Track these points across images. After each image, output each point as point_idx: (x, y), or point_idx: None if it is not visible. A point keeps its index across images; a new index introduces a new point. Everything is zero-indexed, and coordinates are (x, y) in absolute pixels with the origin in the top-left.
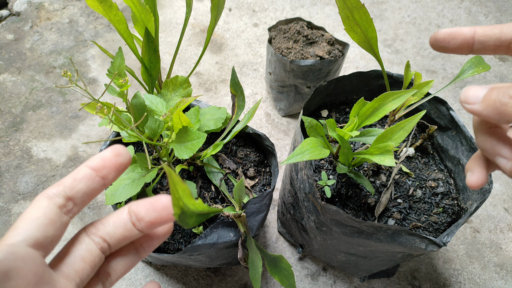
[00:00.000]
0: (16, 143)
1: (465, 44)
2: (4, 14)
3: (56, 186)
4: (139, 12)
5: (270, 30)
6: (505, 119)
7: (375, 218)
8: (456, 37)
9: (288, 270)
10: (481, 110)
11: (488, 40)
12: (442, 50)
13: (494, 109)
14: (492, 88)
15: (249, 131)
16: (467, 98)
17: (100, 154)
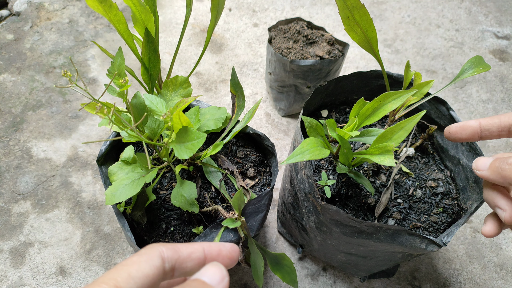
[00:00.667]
0: (16, 143)
1: (474, 133)
2: (4, 14)
3: (173, 250)
4: (139, 12)
5: (270, 30)
6: (506, 181)
7: (375, 218)
8: (466, 129)
9: (290, 266)
10: (488, 175)
11: (491, 128)
12: (456, 140)
13: (497, 173)
14: (496, 158)
15: (249, 131)
16: (478, 166)
17: (220, 246)
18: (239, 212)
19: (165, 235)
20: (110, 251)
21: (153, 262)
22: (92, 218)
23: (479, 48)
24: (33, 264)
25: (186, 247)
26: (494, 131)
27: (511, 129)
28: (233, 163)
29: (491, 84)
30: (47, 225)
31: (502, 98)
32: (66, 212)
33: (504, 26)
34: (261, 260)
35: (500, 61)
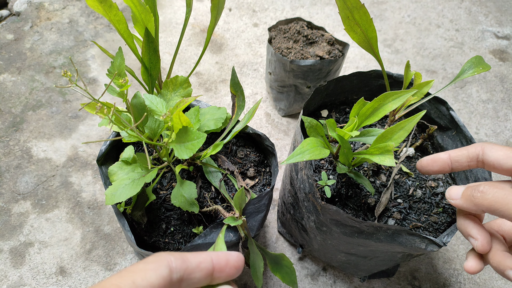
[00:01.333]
0: (16, 143)
1: (445, 165)
2: (4, 14)
3: (181, 260)
4: (139, 12)
5: (270, 30)
6: (479, 209)
7: (375, 218)
8: (437, 161)
9: (290, 267)
10: (462, 203)
11: (460, 159)
12: (428, 173)
13: (470, 201)
14: (468, 186)
15: (249, 131)
16: (451, 195)
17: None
18: (240, 211)
19: (165, 235)
20: (110, 251)
21: (160, 272)
22: (92, 218)
23: (479, 48)
24: (33, 264)
25: (194, 257)
26: (464, 162)
27: (478, 159)
28: (233, 163)
29: (491, 84)
30: (47, 225)
31: (502, 98)
32: (66, 212)
33: (504, 26)
34: (261, 260)
35: (500, 61)
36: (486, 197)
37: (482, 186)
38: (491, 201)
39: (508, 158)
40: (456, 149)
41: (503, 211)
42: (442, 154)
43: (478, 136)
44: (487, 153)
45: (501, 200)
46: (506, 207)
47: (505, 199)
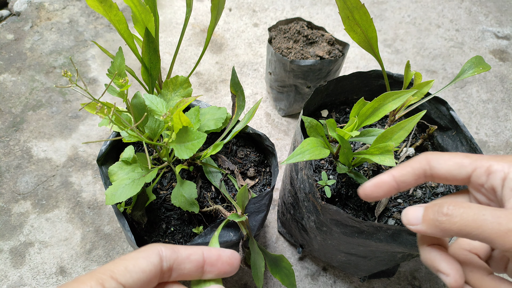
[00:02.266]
0: (16, 143)
1: (391, 188)
2: (4, 14)
3: (172, 250)
4: (139, 12)
5: (270, 30)
6: (446, 234)
7: (375, 218)
8: (381, 186)
9: (289, 269)
10: (425, 229)
11: (406, 178)
12: (373, 200)
13: (435, 227)
14: (426, 208)
15: (249, 131)
16: (409, 220)
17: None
18: (243, 209)
19: (165, 235)
20: (110, 251)
21: (151, 259)
22: (92, 218)
23: (479, 48)
24: (33, 264)
25: (185, 249)
26: (410, 181)
27: (426, 174)
28: (233, 163)
29: (491, 84)
30: (47, 225)
31: (502, 98)
32: (66, 212)
33: (504, 26)
34: (262, 260)
35: (500, 61)
36: (454, 221)
37: (446, 207)
38: (460, 225)
39: (461, 167)
40: (399, 166)
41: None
42: (385, 176)
43: (478, 136)
44: (435, 166)
45: (472, 222)
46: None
47: (476, 220)
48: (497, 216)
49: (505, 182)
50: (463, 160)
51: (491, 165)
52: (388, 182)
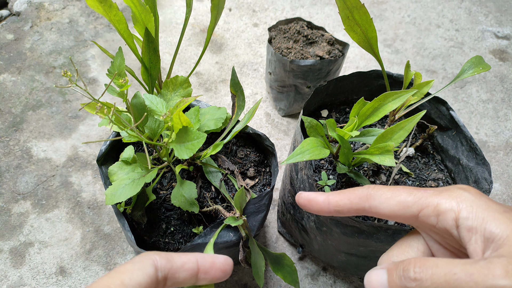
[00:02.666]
0: (16, 143)
1: (323, 209)
2: (4, 14)
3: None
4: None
5: (270, 30)
6: None
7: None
8: (313, 204)
9: (291, 266)
10: None
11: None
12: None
13: None
14: (390, 271)
15: (249, 131)
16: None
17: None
18: (241, 210)
19: (165, 235)
20: (110, 251)
21: (146, 271)
22: (92, 218)
23: (479, 48)
24: (33, 264)
25: (179, 257)
26: (346, 212)
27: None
28: (233, 163)
29: (491, 84)
30: (47, 225)
31: (502, 98)
32: (66, 212)
33: (504, 26)
34: (262, 260)
35: (500, 61)
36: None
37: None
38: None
39: (405, 208)
40: (339, 193)
41: None
42: (321, 197)
43: (478, 136)
44: (376, 205)
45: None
46: None
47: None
48: (469, 274)
49: (459, 223)
50: (407, 199)
51: (438, 204)
52: (320, 203)
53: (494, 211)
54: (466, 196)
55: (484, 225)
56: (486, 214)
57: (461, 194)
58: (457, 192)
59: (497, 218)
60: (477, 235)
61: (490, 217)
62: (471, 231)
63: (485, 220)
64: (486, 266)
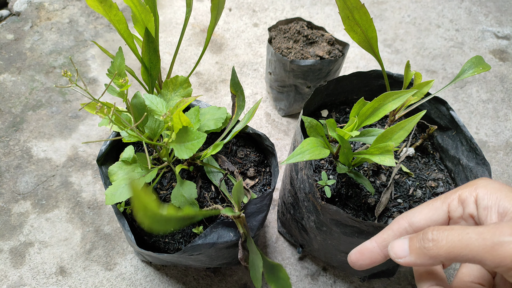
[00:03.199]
0: (16, 143)
1: (375, 255)
2: (4, 14)
3: None
4: (139, 12)
5: (270, 30)
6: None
7: (375, 218)
8: (364, 253)
9: (286, 281)
10: (414, 260)
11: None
12: (361, 268)
13: (424, 255)
14: (411, 238)
15: (249, 131)
16: (397, 253)
17: None
18: (239, 205)
19: (165, 235)
20: (110, 251)
21: None
22: (92, 218)
23: (479, 48)
24: (33, 264)
25: None
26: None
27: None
28: (233, 163)
29: (491, 84)
30: (47, 225)
31: (502, 98)
32: (66, 212)
33: (504, 26)
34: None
35: (500, 61)
36: (440, 245)
37: (430, 233)
38: (448, 248)
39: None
40: (380, 232)
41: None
42: (368, 243)
43: (478, 136)
44: (413, 221)
45: (458, 243)
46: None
47: (461, 240)
48: (480, 233)
49: (478, 204)
50: (435, 204)
51: (459, 194)
52: (371, 248)
53: (506, 190)
54: (481, 182)
55: (498, 202)
56: (499, 194)
57: (476, 182)
58: (473, 182)
59: (508, 196)
60: (492, 211)
61: (503, 195)
62: (487, 209)
63: (499, 198)
64: (495, 226)
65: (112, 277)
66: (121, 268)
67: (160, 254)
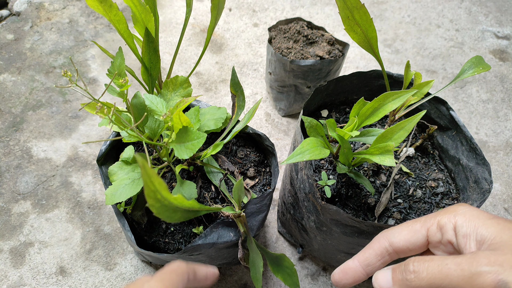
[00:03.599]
0: (16, 143)
1: (357, 273)
2: (4, 14)
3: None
4: (139, 12)
5: (270, 30)
6: None
7: (375, 218)
8: (347, 272)
9: (291, 268)
10: None
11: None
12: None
13: (406, 286)
14: (394, 269)
15: (249, 131)
16: (381, 285)
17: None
18: (239, 204)
19: (165, 235)
20: (110, 251)
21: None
22: (92, 218)
23: (479, 48)
24: (33, 264)
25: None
26: (375, 262)
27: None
28: (233, 163)
29: (491, 84)
30: (47, 225)
31: (502, 98)
32: (66, 212)
33: (504, 26)
34: (261, 260)
35: (500, 61)
36: (421, 277)
37: (411, 264)
38: (429, 280)
39: (416, 233)
40: (362, 250)
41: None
42: (350, 262)
43: (478, 136)
44: (393, 241)
45: (438, 274)
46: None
47: (441, 271)
48: (458, 263)
49: (456, 231)
50: (414, 226)
51: (439, 220)
52: (353, 268)
53: (484, 218)
54: (461, 209)
55: (476, 230)
56: (477, 221)
57: (456, 208)
58: (453, 207)
59: (486, 223)
60: (470, 239)
61: (481, 223)
62: (466, 236)
63: (477, 226)
64: (472, 257)
65: (112, 277)
66: (121, 268)
67: (160, 254)
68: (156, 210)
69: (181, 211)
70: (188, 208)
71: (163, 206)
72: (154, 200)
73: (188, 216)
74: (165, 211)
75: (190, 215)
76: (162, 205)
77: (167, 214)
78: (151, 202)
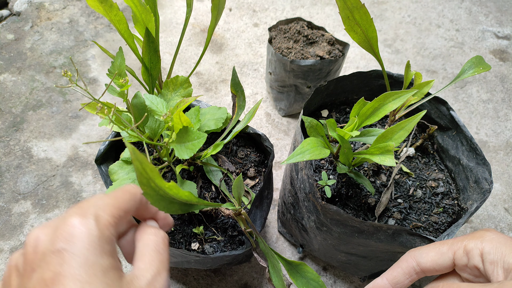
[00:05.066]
0: (17, 143)
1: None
2: (5, 14)
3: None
4: (140, 12)
5: (271, 30)
6: None
7: (375, 218)
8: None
9: (317, 281)
10: None
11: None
12: None
13: None
14: None
15: (249, 131)
16: None
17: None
18: (239, 201)
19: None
20: None
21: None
22: None
23: (479, 48)
24: None
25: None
26: (403, 280)
27: (416, 270)
28: (234, 163)
29: (492, 84)
30: None
31: (502, 98)
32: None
33: (504, 26)
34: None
35: (501, 61)
36: None
37: None
38: None
39: (442, 255)
40: (390, 269)
41: None
42: (379, 280)
43: (478, 136)
44: (420, 262)
45: None
46: None
47: None
48: None
49: (483, 258)
50: (441, 248)
51: (466, 244)
52: (382, 285)
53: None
54: (488, 235)
55: (503, 258)
56: (505, 249)
57: (483, 234)
58: (480, 233)
59: None
60: (498, 267)
61: (508, 251)
62: (493, 264)
63: (504, 254)
64: (499, 286)
65: None
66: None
67: None
68: (152, 198)
69: (178, 203)
70: (185, 201)
71: (158, 195)
72: (148, 188)
73: (186, 209)
74: (160, 200)
75: (188, 208)
76: (157, 194)
77: (163, 204)
78: (145, 189)
